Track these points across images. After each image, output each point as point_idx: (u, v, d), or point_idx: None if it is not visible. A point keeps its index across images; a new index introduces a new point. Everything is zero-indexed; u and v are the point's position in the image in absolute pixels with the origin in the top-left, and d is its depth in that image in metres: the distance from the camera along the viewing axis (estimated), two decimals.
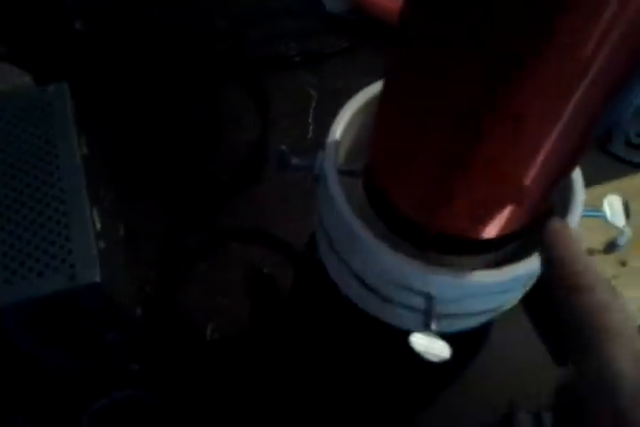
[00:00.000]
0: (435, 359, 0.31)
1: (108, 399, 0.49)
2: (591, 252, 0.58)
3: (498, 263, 0.35)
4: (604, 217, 0.39)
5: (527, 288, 0.39)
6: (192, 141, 0.61)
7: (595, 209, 0.39)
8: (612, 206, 0.39)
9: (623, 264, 0.58)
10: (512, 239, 0.33)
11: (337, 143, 0.36)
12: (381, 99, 0.31)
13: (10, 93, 0.43)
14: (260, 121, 0.60)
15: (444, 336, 0.32)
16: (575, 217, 0.36)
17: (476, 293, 0.34)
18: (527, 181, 0.28)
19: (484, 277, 0.33)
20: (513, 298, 0.40)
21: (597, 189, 0.63)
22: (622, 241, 0.59)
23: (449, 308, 0.34)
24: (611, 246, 0.59)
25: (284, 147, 0.36)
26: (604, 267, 0.58)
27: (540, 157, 0.27)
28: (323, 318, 0.51)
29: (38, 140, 0.41)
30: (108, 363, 0.50)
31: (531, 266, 0.34)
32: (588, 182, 0.64)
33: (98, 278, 0.39)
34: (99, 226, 0.43)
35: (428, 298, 0.33)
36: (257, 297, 0.52)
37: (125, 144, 0.59)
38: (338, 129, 0.37)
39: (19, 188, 0.40)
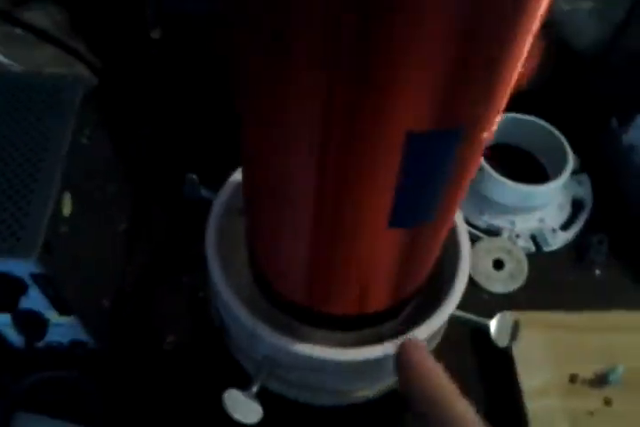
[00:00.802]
0: (241, 420, 0.29)
1: (38, 377, 0.52)
2: (574, 378, 0.53)
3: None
4: (487, 328, 0.36)
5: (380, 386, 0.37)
6: (216, 158, 0.63)
7: (482, 321, 0.36)
8: (502, 324, 0.36)
9: (607, 403, 0.52)
10: (379, 316, 0.32)
11: (231, 185, 0.37)
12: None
13: (32, 75, 0.47)
14: None
15: None
16: (449, 308, 0.34)
17: (305, 366, 0.32)
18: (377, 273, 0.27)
19: (307, 351, 0.31)
20: (360, 388, 0.37)
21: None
22: (614, 378, 0.53)
23: (286, 375, 0.33)
24: (601, 380, 0.53)
25: (194, 175, 0.36)
26: (584, 400, 0.52)
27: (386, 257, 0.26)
28: None
29: (36, 121, 0.45)
30: (54, 341, 0.52)
31: (351, 355, 0.32)
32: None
33: (34, 258, 0.41)
34: (67, 211, 0.45)
35: (262, 360, 0.32)
36: (194, 321, 0.52)
37: (151, 151, 0.63)
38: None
39: (4, 158, 0.44)
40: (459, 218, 0.37)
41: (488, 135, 0.23)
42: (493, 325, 0.35)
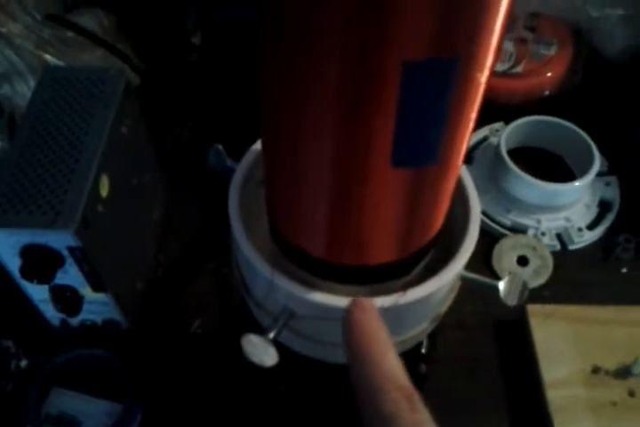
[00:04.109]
0: (257, 362, 0.31)
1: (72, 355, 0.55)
2: (597, 370, 0.53)
3: None
4: (496, 289, 0.37)
5: None
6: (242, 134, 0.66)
7: (491, 282, 0.37)
8: (511, 284, 0.36)
9: (631, 394, 0.52)
10: (390, 270, 0.33)
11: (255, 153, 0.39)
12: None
13: (79, 68, 0.51)
14: None
15: None
16: (457, 266, 0.35)
17: (317, 315, 0.34)
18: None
19: (321, 299, 0.33)
20: None
21: None
22: (638, 369, 0.53)
23: (303, 326, 0.35)
24: (623, 372, 0.53)
25: (220, 146, 0.38)
26: (608, 391, 0.52)
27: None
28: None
29: (81, 110, 0.49)
30: (88, 320, 0.55)
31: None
32: None
33: (72, 231, 0.44)
34: (104, 193, 0.49)
35: (282, 309, 0.34)
36: (219, 297, 0.55)
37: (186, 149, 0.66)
38: None
39: (49, 141, 0.47)
40: (468, 180, 0.39)
41: (485, 77, 0.24)
42: (502, 285, 0.36)
